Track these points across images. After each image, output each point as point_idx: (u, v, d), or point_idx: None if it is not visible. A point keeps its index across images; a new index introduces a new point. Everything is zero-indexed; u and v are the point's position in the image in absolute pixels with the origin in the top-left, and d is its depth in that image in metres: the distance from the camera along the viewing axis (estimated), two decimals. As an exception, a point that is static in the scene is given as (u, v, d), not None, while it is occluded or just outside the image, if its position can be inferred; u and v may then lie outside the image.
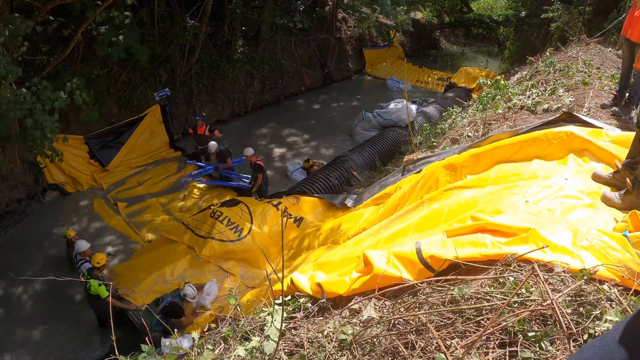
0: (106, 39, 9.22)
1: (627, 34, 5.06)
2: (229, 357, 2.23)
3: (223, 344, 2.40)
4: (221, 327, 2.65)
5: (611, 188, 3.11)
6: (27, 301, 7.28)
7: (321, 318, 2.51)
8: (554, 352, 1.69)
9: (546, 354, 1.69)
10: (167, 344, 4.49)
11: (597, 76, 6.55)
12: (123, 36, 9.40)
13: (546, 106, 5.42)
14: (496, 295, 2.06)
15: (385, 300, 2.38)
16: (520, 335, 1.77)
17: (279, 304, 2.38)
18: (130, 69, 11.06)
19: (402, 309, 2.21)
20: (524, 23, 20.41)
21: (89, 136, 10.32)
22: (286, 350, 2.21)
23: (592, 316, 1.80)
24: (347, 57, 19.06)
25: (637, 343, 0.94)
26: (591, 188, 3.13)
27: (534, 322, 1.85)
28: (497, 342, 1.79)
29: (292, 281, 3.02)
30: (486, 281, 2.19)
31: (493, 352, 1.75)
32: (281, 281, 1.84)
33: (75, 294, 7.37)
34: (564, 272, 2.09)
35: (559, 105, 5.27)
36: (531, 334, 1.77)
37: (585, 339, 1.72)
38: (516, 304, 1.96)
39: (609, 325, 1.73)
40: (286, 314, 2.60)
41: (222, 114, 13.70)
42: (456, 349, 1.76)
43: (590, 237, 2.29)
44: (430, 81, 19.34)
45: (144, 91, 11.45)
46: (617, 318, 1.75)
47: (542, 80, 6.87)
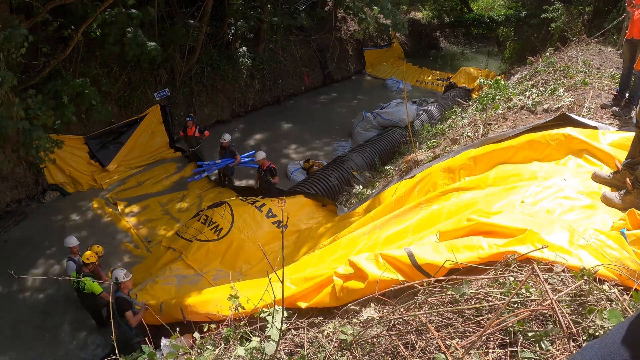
0: (112, 39, 9.23)
1: (628, 34, 5.10)
2: (229, 357, 2.23)
3: (223, 344, 2.40)
4: (221, 328, 2.66)
5: (611, 188, 3.11)
6: (27, 301, 7.28)
7: (322, 318, 2.51)
8: (554, 352, 1.69)
9: (546, 354, 1.69)
10: (167, 344, 4.49)
11: (597, 76, 6.56)
12: (132, 34, 9.43)
13: (546, 106, 5.42)
14: (496, 296, 2.06)
15: (386, 301, 2.38)
16: (521, 335, 1.77)
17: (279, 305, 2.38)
18: (130, 69, 11.06)
19: (402, 309, 2.21)
20: (523, 23, 20.41)
21: (89, 136, 10.32)
22: (286, 351, 2.21)
23: (592, 316, 1.80)
24: (347, 57, 19.07)
25: (638, 345, 0.94)
26: (591, 188, 3.12)
27: (534, 322, 1.85)
28: (497, 342, 1.79)
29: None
30: (486, 281, 2.19)
31: (493, 352, 1.75)
32: (281, 282, 1.84)
33: (75, 294, 7.35)
34: (563, 272, 2.09)
35: (559, 106, 5.27)
36: (531, 334, 1.77)
37: (585, 338, 1.72)
38: (516, 304, 1.96)
39: (609, 325, 1.73)
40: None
41: (222, 114, 13.70)
42: (456, 349, 1.76)
43: (588, 236, 2.28)
44: (430, 81, 19.35)
45: (144, 91, 11.45)
46: (617, 318, 1.75)
47: (542, 81, 6.87)
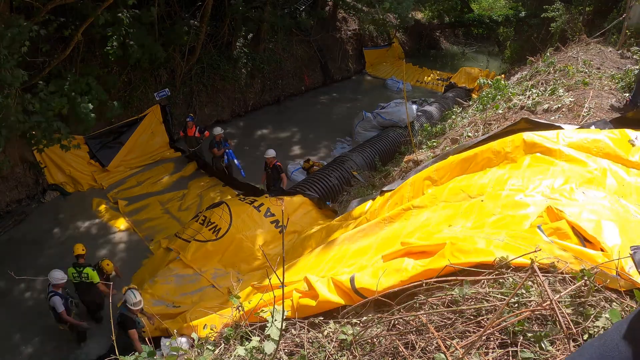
0: (118, 41, 9.25)
1: None
2: (229, 357, 2.23)
3: (223, 344, 2.40)
4: (222, 327, 2.66)
5: None
6: (27, 301, 7.28)
7: (322, 318, 2.51)
8: (554, 352, 1.69)
9: (546, 354, 1.69)
10: (167, 344, 4.49)
11: (597, 76, 6.56)
12: (132, 35, 9.44)
13: (546, 106, 5.42)
14: (496, 296, 2.06)
15: (386, 301, 2.38)
16: (520, 336, 1.78)
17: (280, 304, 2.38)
18: (130, 69, 11.06)
19: (402, 309, 2.21)
20: (524, 23, 20.40)
21: (89, 136, 10.31)
22: (286, 351, 2.21)
23: (591, 316, 1.80)
24: (347, 57, 19.07)
25: (637, 343, 0.94)
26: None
27: (534, 322, 1.85)
28: (497, 342, 1.79)
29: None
30: (486, 282, 2.20)
31: (493, 352, 1.75)
32: (281, 282, 1.84)
33: (73, 295, 7.36)
34: (561, 272, 2.09)
35: (559, 105, 5.27)
36: (531, 334, 1.77)
37: (585, 338, 1.72)
38: (516, 305, 1.96)
39: (609, 325, 1.73)
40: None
41: (222, 114, 13.70)
42: (456, 349, 1.76)
43: (502, 238, 2.46)
44: (430, 81, 19.35)
45: (144, 91, 11.45)
46: (617, 318, 1.75)
47: (542, 81, 6.88)
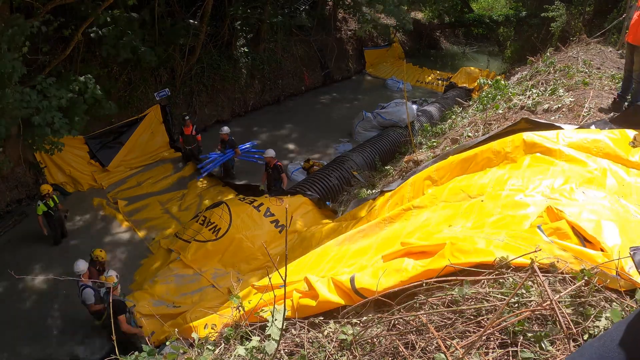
0: (110, 41, 9.24)
1: (627, 37, 5.08)
2: (229, 357, 2.23)
3: (223, 344, 2.40)
4: (222, 327, 2.66)
5: None
6: (27, 301, 7.28)
7: (322, 318, 2.51)
8: (554, 352, 1.69)
9: (546, 354, 1.69)
10: (167, 344, 4.49)
11: (597, 76, 6.56)
12: (128, 38, 9.44)
13: (546, 106, 5.42)
14: (496, 296, 2.06)
15: (386, 301, 2.39)
16: (521, 336, 1.78)
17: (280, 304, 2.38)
18: (130, 69, 11.06)
19: (402, 309, 2.22)
20: (524, 23, 20.42)
21: (89, 136, 10.32)
22: (286, 350, 2.21)
23: (591, 316, 1.80)
24: (347, 57, 19.08)
25: (637, 344, 0.94)
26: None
27: (534, 322, 1.85)
28: (497, 342, 1.79)
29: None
30: (486, 282, 2.20)
31: (493, 352, 1.75)
32: (284, 281, 1.84)
33: (75, 294, 7.36)
34: (561, 272, 2.09)
35: (559, 105, 5.27)
36: (531, 334, 1.77)
37: (585, 338, 1.72)
38: (516, 305, 1.96)
39: (609, 326, 1.73)
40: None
41: (222, 114, 13.70)
42: (456, 349, 1.76)
43: (502, 238, 2.46)
44: (430, 81, 19.35)
45: (144, 91, 11.45)
46: (619, 318, 1.75)
47: (543, 81, 6.88)
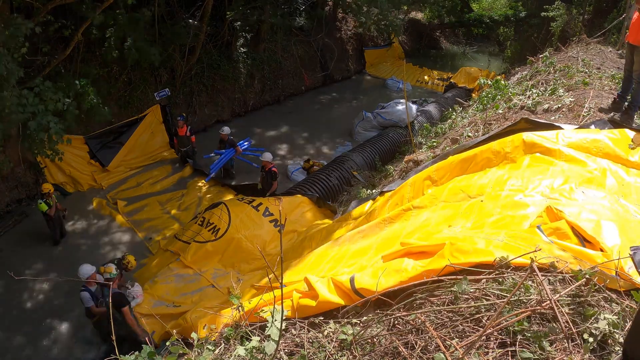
0: (115, 44, 9.24)
1: (628, 37, 5.08)
2: (229, 357, 2.23)
3: (223, 344, 2.40)
4: (222, 327, 2.66)
5: None
6: (27, 301, 7.28)
7: (322, 318, 2.51)
8: (553, 352, 1.69)
9: (546, 354, 1.69)
10: (167, 344, 4.48)
11: (597, 76, 6.56)
12: (131, 38, 9.44)
13: (546, 106, 5.42)
14: (495, 296, 2.06)
15: (386, 301, 2.39)
16: (520, 336, 1.78)
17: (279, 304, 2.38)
18: (131, 69, 11.06)
19: (402, 309, 2.22)
20: (524, 23, 20.41)
21: (89, 136, 10.32)
22: (286, 350, 2.21)
23: (590, 316, 1.80)
24: (347, 57, 19.07)
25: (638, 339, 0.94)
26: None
27: (533, 322, 1.85)
28: (496, 342, 1.79)
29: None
30: (485, 282, 2.20)
31: (493, 352, 1.75)
32: (280, 282, 1.84)
33: (75, 294, 7.36)
34: (561, 272, 2.09)
35: (559, 105, 5.27)
36: (530, 333, 1.77)
37: (585, 338, 1.72)
38: (516, 304, 1.96)
39: (607, 326, 1.73)
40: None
41: (222, 114, 13.70)
42: (456, 349, 1.76)
43: (501, 238, 2.47)
44: (430, 81, 19.34)
45: (144, 91, 11.45)
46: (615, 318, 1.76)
47: (543, 81, 6.88)
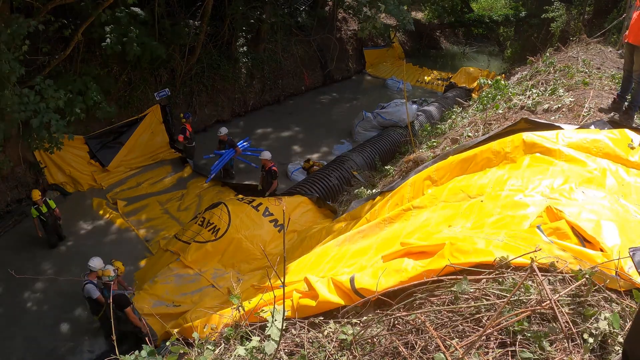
0: (115, 39, 9.24)
1: (627, 37, 5.08)
2: (229, 357, 2.23)
3: (223, 344, 2.40)
4: (222, 327, 2.66)
5: None
6: (27, 300, 7.28)
7: (322, 318, 2.51)
8: (553, 352, 1.69)
9: (546, 354, 1.69)
10: (167, 344, 4.49)
11: (597, 76, 6.56)
12: (133, 34, 9.44)
13: (546, 106, 5.42)
14: (495, 295, 2.06)
15: (386, 301, 2.39)
16: (520, 336, 1.78)
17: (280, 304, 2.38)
18: (131, 69, 11.06)
19: (402, 309, 2.22)
20: (524, 23, 20.42)
21: (89, 136, 10.32)
22: (286, 350, 2.21)
23: (590, 316, 1.81)
24: (347, 57, 19.07)
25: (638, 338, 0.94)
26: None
27: (533, 322, 1.85)
28: (496, 342, 1.79)
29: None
30: (485, 282, 2.20)
31: (493, 352, 1.76)
32: (282, 282, 1.85)
33: (75, 294, 7.37)
34: (561, 272, 2.09)
35: (559, 105, 5.27)
36: (530, 333, 1.78)
37: (585, 338, 1.72)
38: (517, 303, 1.96)
39: (607, 326, 1.74)
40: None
41: (222, 113, 13.70)
42: (456, 349, 1.76)
43: (501, 238, 2.47)
44: (430, 81, 19.34)
45: (144, 91, 11.45)
46: (615, 318, 1.76)
47: (543, 81, 6.88)
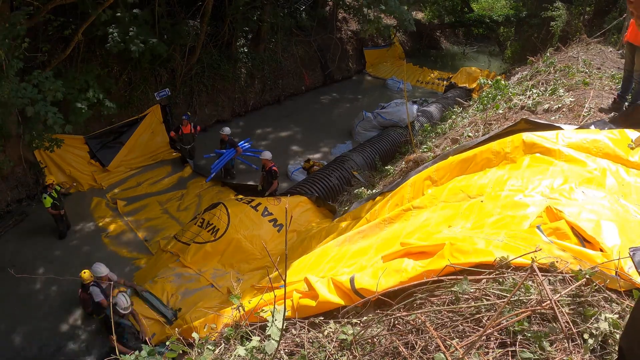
0: (118, 36, 9.25)
1: (628, 37, 5.07)
2: (229, 357, 2.23)
3: (224, 344, 2.40)
4: (222, 327, 2.66)
5: None
6: (27, 300, 7.28)
7: (322, 318, 2.52)
8: (553, 352, 1.69)
9: (546, 354, 1.69)
10: (167, 343, 4.49)
11: (597, 76, 6.56)
12: (135, 32, 9.45)
13: (546, 106, 5.42)
14: (496, 296, 2.06)
15: (386, 301, 2.39)
16: (520, 336, 1.78)
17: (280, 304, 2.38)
18: (131, 69, 11.06)
19: (402, 309, 2.22)
20: (524, 23, 20.41)
21: (89, 136, 10.32)
22: (286, 350, 2.22)
23: (590, 316, 1.81)
24: (348, 57, 19.07)
25: (636, 333, 0.94)
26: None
27: (533, 322, 1.85)
28: (497, 342, 1.79)
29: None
30: (486, 282, 2.20)
31: (493, 352, 1.76)
32: (284, 281, 1.85)
33: (76, 294, 7.38)
34: (561, 272, 2.10)
35: (560, 106, 5.27)
36: (531, 334, 1.78)
37: (585, 338, 1.72)
38: (517, 303, 1.96)
39: (609, 325, 1.74)
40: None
41: (223, 114, 13.70)
42: (456, 349, 1.76)
43: (501, 238, 2.46)
44: (430, 81, 19.34)
45: (144, 91, 11.45)
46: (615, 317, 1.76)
47: (543, 81, 6.88)
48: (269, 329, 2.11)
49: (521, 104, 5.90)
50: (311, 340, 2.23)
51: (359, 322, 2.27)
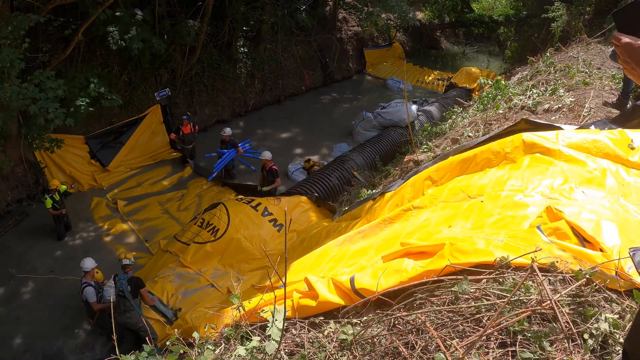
0: (119, 35, 9.25)
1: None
2: (229, 357, 2.23)
3: (224, 344, 2.40)
4: (222, 327, 2.66)
5: None
6: (27, 300, 7.29)
7: (322, 318, 2.52)
8: (553, 352, 1.69)
9: (546, 354, 1.69)
10: (167, 343, 4.49)
11: (597, 76, 6.57)
12: (135, 31, 9.46)
13: (547, 106, 5.43)
14: (496, 296, 2.06)
15: (386, 301, 2.39)
16: (520, 336, 1.78)
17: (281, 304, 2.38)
18: (131, 69, 11.06)
19: (402, 309, 2.22)
20: (524, 23, 20.41)
21: (89, 136, 10.33)
22: (287, 350, 2.22)
23: (590, 316, 1.81)
24: (348, 57, 19.07)
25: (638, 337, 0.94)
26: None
27: (533, 322, 1.85)
28: (497, 342, 1.79)
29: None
30: (486, 282, 2.20)
31: (493, 352, 1.76)
32: (284, 282, 1.85)
33: (76, 294, 7.37)
34: (561, 272, 2.10)
35: (560, 105, 5.27)
36: (531, 334, 1.78)
37: (585, 338, 1.72)
38: (517, 303, 1.96)
39: (609, 325, 1.74)
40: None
41: (223, 114, 13.71)
42: (456, 349, 1.76)
43: (501, 238, 2.46)
44: (430, 81, 19.35)
45: (145, 91, 11.46)
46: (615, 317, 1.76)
47: (543, 81, 6.88)
48: (269, 329, 2.11)
49: (521, 104, 5.90)
50: (311, 340, 2.23)
51: (359, 322, 2.27)
